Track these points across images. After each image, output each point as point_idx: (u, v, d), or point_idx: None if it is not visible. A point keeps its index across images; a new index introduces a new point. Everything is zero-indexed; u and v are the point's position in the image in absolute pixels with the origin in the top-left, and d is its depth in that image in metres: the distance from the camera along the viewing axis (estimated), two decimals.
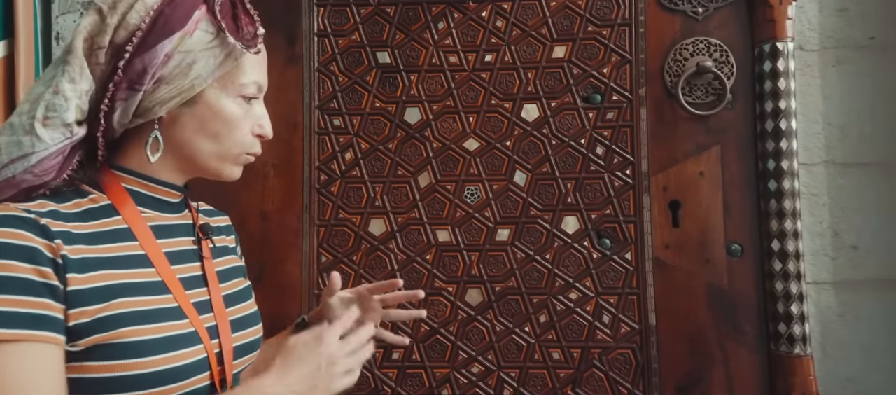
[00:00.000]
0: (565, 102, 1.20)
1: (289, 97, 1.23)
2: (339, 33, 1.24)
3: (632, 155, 1.18)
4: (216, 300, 0.77)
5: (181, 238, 0.79)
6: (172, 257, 0.75)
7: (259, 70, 0.76)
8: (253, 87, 0.75)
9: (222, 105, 0.73)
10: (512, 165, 1.20)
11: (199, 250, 0.80)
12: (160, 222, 0.77)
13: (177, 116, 0.73)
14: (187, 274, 0.76)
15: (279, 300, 1.21)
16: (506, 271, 1.19)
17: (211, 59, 0.70)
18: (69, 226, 0.65)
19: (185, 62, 0.69)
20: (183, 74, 0.69)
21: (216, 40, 0.70)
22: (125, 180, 0.75)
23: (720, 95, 1.15)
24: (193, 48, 0.68)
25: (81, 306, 0.63)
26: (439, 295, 1.20)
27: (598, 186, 1.18)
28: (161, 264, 0.72)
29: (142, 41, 0.67)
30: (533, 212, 1.19)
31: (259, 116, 0.78)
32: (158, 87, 0.69)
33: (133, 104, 0.70)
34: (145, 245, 0.72)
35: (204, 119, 0.73)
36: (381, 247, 1.21)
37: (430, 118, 1.22)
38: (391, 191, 1.22)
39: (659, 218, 1.16)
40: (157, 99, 0.70)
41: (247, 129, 0.76)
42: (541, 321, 1.17)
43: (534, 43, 1.21)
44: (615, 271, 1.17)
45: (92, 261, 0.65)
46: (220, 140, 0.74)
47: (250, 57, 0.74)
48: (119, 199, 0.74)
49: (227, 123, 0.73)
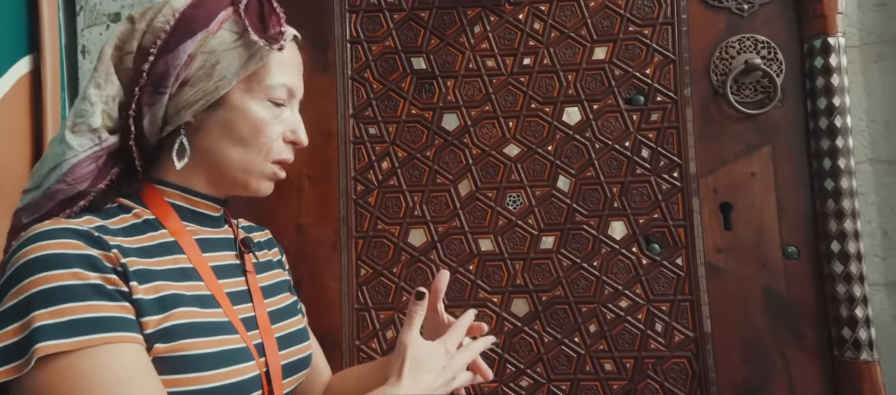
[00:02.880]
0: (608, 105, 1.10)
1: (322, 105, 1.13)
2: (372, 40, 1.14)
3: (679, 157, 1.08)
4: (261, 316, 0.69)
5: (225, 252, 0.71)
6: (218, 272, 0.67)
7: (289, 73, 0.68)
8: (281, 90, 0.67)
9: (248, 107, 0.66)
10: (554, 171, 1.10)
11: (243, 265, 0.72)
12: (203, 235, 0.70)
13: (203, 120, 0.66)
14: (233, 289, 0.68)
15: (318, 315, 1.10)
16: (552, 279, 1.09)
17: (235, 59, 0.63)
18: (119, 240, 0.60)
19: (208, 63, 0.63)
20: (206, 75, 0.63)
21: (240, 40, 0.64)
22: (167, 194, 0.68)
23: (769, 93, 1.06)
24: (217, 48, 0.63)
25: (145, 315, 0.57)
26: (484, 306, 1.09)
27: (645, 190, 1.08)
28: (209, 277, 0.65)
29: (165, 43, 0.62)
30: (578, 218, 1.09)
31: (291, 122, 0.69)
32: (183, 89, 0.63)
33: (160, 109, 0.63)
34: (193, 258, 0.65)
35: (229, 123, 0.65)
36: (421, 258, 1.10)
37: (469, 124, 1.12)
38: (430, 200, 1.11)
39: (710, 221, 1.07)
40: (182, 102, 0.64)
41: (276, 134, 0.68)
42: (591, 331, 1.07)
43: (573, 45, 1.11)
44: (666, 277, 1.07)
45: (148, 272, 0.60)
46: (247, 146, 0.66)
47: (278, 58, 0.66)
48: (163, 213, 0.67)
49: (254, 126, 0.66)
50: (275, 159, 0.69)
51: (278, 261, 0.83)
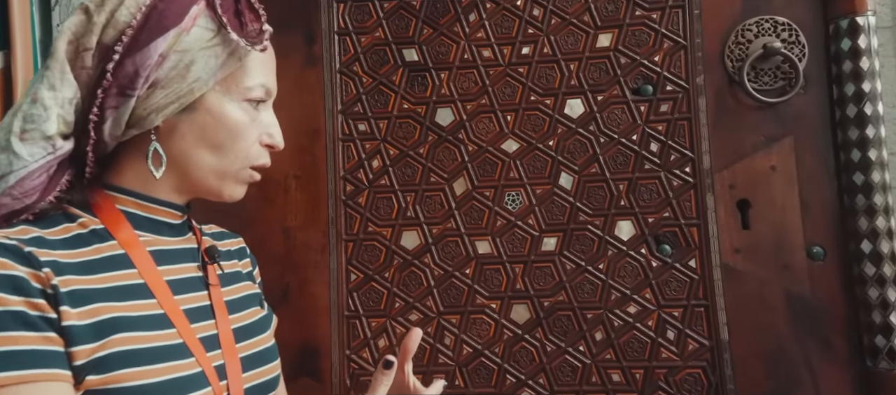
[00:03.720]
0: (613, 96, 1.00)
1: (309, 102, 1.05)
2: (361, 31, 1.06)
3: (691, 151, 0.98)
4: (224, 334, 0.62)
5: (185, 264, 0.64)
6: (175, 286, 0.60)
7: (266, 71, 0.63)
8: (260, 90, 0.62)
9: (226, 111, 0.60)
10: (556, 167, 1.01)
11: (206, 278, 0.65)
12: (160, 246, 0.62)
13: (174, 124, 0.59)
14: (192, 305, 0.61)
15: (305, 324, 1.02)
16: (554, 284, 1.00)
17: (212, 59, 0.57)
18: (57, 254, 0.53)
19: (182, 63, 0.56)
20: (180, 76, 0.57)
21: (217, 38, 0.57)
22: (119, 201, 0.61)
23: (791, 79, 0.95)
24: (191, 47, 0.57)
25: (76, 344, 0.51)
26: (481, 313, 1.01)
27: (654, 187, 0.99)
28: (163, 294, 0.58)
29: (133, 40, 0.55)
30: (582, 218, 1.00)
31: (267, 123, 0.64)
32: (153, 91, 0.56)
33: (125, 113, 0.57)
34: (144, 273, 0.58)
35: (205, 127, 0.59)
36: (415, 262, 1.02)
37: (464, 119, 1.03)
38: (424, 200, 1.03)
39: (726, 220, 0.97)
40: (151, 106, 0.57)
41: (253, 138, 0.62)
42: (597, 339, 0.98)
43: (575, 32, 1.02)
44: (678, 281, 0.97)
45: (84, 293, 0.53)
46: (223, 151, 0.60)
47: (256, 57, 0.61)
48: (113, 222, 0.60)
49: (232, 131, 0.60)
50: (253, 166, 0.64)
51: (249, 273, 0.75)
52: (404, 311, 1.01)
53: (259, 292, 0.75)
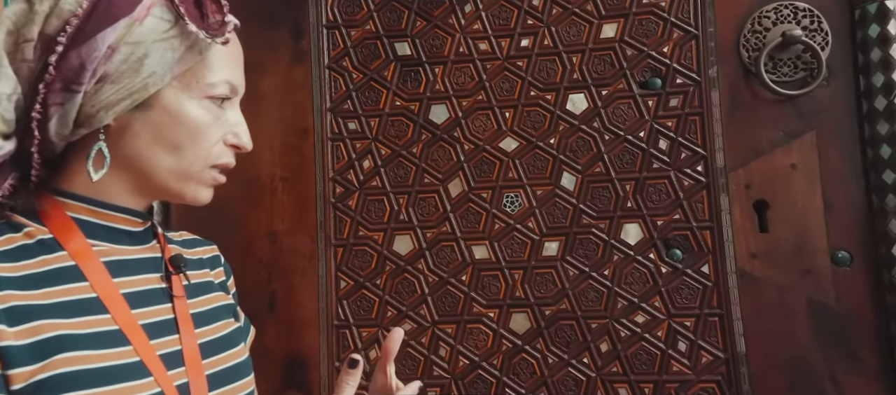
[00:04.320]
0: (619, 90, 0.93)
1: (296, 99, 0.98)
2: (351, 24, 0.99)
3: (703, 148, 0.90)
4: (189, 350, 0.56)
5: (146, 275, 0.58)
6: (133, 299, 0.55)
7: (231, 67, 0.57)
8: (223, 86, 0.56)
9: (184, 109, 0.54)
10: (558, 167, 0.94)
11: (170, 289, 0.59)
12: (118, 256, 0.57)
13: (127, 123, 0.54)
14: (153, 319, 0.55)
15: (293, 334, 0.96)
16: (556, 291, 0.92)
17: (168, 53, 0.52)
18: None
19: (134, 56, 0.51)
20: (133, 70, 0.51)
21: (174, 29, 0.52)
22: (70, 207, 0.55)
23: (813, 69, 0.87)
24: (145, 39, 0.51)
25: (13, 367, 0.46)
26: (479, 322, 0.94)
27: (663, 187, 0.91)
28: (118, 308, 0.53)
29: (78, 30, 0.50)
30: (585, 220, 0.92)
31: (233, 122, 0.59)
32: (102, 87, 0.51)
33: (72, 110, 0.51)
34: (97, 286, 0.53)
35: (161, 126, 0.54)
36: (408, 268, 0.95)
37: (460, 116, 0.96)
38: (417, 202, 0.96)
39: (742, 222, 0.88)
40: (101, 102, 0.52)
41: (216, 137, 0.57)
42: (602, 351, 0.90)
43: (578, 22, 0.94)
44: (690, 288, 0.89)
45: (25, 310, 0.48)
46: (182, 152, 0.55)
47: (219, 51, 0.55)
48: (63, 230, 0.54)
49: (191, 130, 0.55)
50: (215, 165, 0.58)
51: (221, 283, 0.69)
52: (397, 320, 0.94)
53: (232, 304, 0.69)
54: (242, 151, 0.60)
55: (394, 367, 0.67)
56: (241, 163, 1.00)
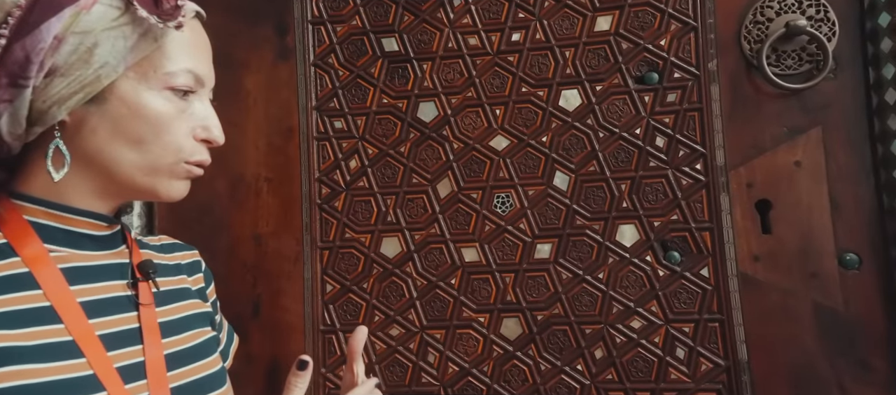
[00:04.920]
0: (614, 85, 0.88)
1: (281, 98, 0.95)
2: (336, 19, 0.95)
3: (703, 145, 0.85)
4: (153, 361, 0.53)
5: (109, 282, 0.55)
6: (92, 308, 0.51)
7: (194, 55, 0.54)
8: (185, 76, 0.52)
9: (143, 100, 0.51)
10: (550, 166, 0.89)
11: (137, 297, 0.55)
12: (78, 262, 0.53)
13: (83, 118, 0.51)
14: (113, 329, 0.52)
15: (278, 339, 0.92)
16: (549, 295, 0.88)
17: (119, 41, 0.49)
18: None
19: (83, 46, 0.48)
20: (83, 61, 0.48)
21: (125, 16, 0.49)
22: (27, 211, 0.53)
23: (818, 62, 0.81)
24: (93, 27, 0.48)
25: None
26: (469, 327, 0.89)
27: (660, 187, 0.86)
28: (73, 317, 0.49)
29: (21, 22, 0.47)
30: (579, 222, 0.88)
31: (202, 116, 0.55)
32: (52, 80, 0.48)
33: (22, 107, 0.48)
34: (52, 294, 0.49)
35: (119, 120, 0.51)
36: (396, 271, 0.91)
37: (449, 114, 0.92)
38: (405, 203, 0.92)
39: (743, 223, 0.83)
40: (52, 97, 0.49)
41: (182, 131, 0.53)
42: (596, 357, 0.86)
43: (571, 15, 0.90)
44: (689, 292, 0.84)
45: None
46: (146, 146, 0.51)
47: (178, 39, 0.52)
48: (18, 235, 0.51)
49: (152, 123, 0.51)
50: (188, 162, 0.54)
51: (199, 289, 0.66)
52: (384, 325, 0.90)
53: (209, 312, 0.66)
54: (214, 146, 0.56)
55: (362, 365, 0.65)
56: (226, 163, 0.97)
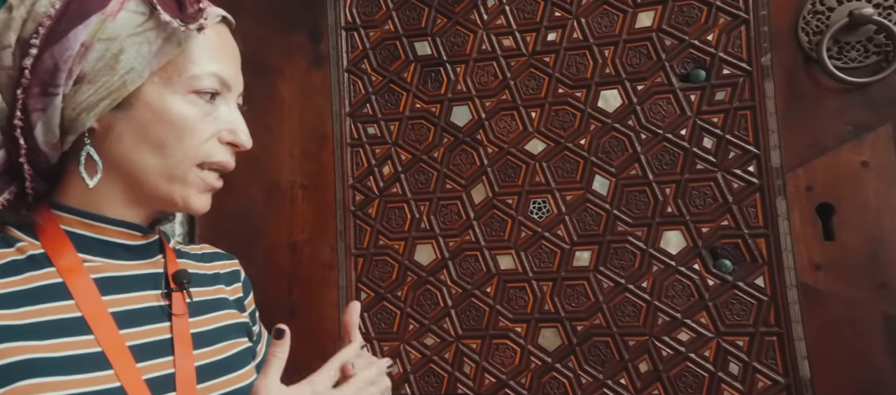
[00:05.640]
0: (657, 84, 0.83)
1: (315, 105, 0.94)
2: (369, 24, 0.93)
3: (756, 146, 0.78)
4: (183, 373, 0.52)
5: (143, 292, 0.54)
6: (124, 318, 0.50)
7: (219, 59, 0.52)
8: (210, 79, 0.51)
9: (167, 104, 0.50)
10: (589, 170, 0.84)
11: (170, 307, 0.54)
12: (113, 272, 0.53)
13: (111, 124, 0.50)
14: (145, 340, 0.51)
15: (313, 347, 0.91)
16: (589, 305, 0.83)
17: (144, 46, 0.48)
18: None
19: (109, 52, 0.48)
20: (109, 67, 0.48)
21: (150, 21, 0.48)
22: (65, 221, 0.52)
23: (887, 53, 0.74)
24: (119, 34, 0.48)
25: None
26: (505, 338, 0.86)
27: (709, 190, 0.80)
28: (104, 328, 0.49)
29: (50, 30, 0.47)
30: (620, 228, 0.83)
31: (228, 119, 0.53)
32: (80, 87, 0.48)
33: (54, 115, 0.48)
34: (84, 304, 0.49)
35: (144, 125, 0.50)
36: (430, 279, 0.88)
37: (483, 118, 0.88)
38: (439, 210, 0.89)
39: (802, 228, 0.77)
40: (80, 104, 0.48)
41: (206, 134, 0.52)
42: (641, 371, 0.80)
43: (610, 12, 0.85)
44: (742, 303, 0.78)
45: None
46: (167, 151, 0.51)
47: (203, 42, 0.51)
48: (55, 245, 0.51)
49: (176, 127, 0.51)
50: (206, 163, 0.52)
51: (237, 299, 0.64)
52: (419, 334, 0.88)
53: (245, 322, 0.64)
54: (240, 150, 0.55)
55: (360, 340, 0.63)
56: (261, 170, 0.97)
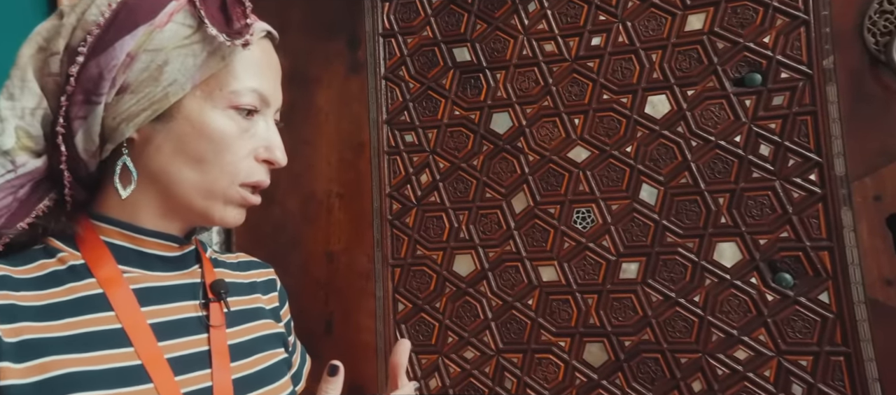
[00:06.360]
0: (708, 89, 0.78)
1: (352, 112, 0.92)
2: (407, 31, 0.91)
3: (817, 153, 0.73)
4: (221, 387, 0.50)
5: (181, 303, 0.53)
6: (162, 330, 0.49)
7: (260, 75, 0.51)
8: (250, 95, 0.51)
9: (206, 119, 0.49)
10: (636, 178, 0.80)
11: (207, 318, 0.53)
12: (151, 283, 0.52)
13: (150, 136, 0.49)
14: (184, 352, 0.50)
15: (350, 360, 0.88)
16: (637, 319, 0.79)
17: (189, 59, 0.48)
18: (17, 296, 0.45)
19: (154, 64, 0.47)
20: (152, 79, 0.47)
21: (196, 34, 0.48)
22: (104, 231, 0.51)
23: None
24: (165, 45, 0.47)
25: None
26: (548, 352, 0.82)
27: (766, 200, 0.75)
28: (143, 341, 0.48)
29: (98, 40, 0.47)
30: (670, 239, 0.78)
31: (264, 136, 0.52)
32: (122, 97, 0.47)
33: (95, 123, 0.48)
34: (124, 316, 0.48)
35: (183, 138, 0.49)
36: (470, 290, 0.85)
37: (524, 125, 0.85)
38: (479, 219, 0.86)
39: (871, 241, 0.71)
40: (121, 114, 0.48)
41: (244, 151, 0.50)
42: (694, 390, 0.75)
43: (658, 15, 0.81)
44: (805, 320, 0.73)
45: (37, 344, 0.44)
46: (206, 166, 0.50)
47: (245, 58, 0.50)
48: (95, 256, 0.50)
49: (214, 141, 0.49)
50: (243, 182, 0.51)
51: (273, 309, 0.62)
52: (458, 347, 0.84)
53: (281, 333, 0.62)
54: (275, 167, 0.53)
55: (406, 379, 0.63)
56: (298, 179, 0.96)
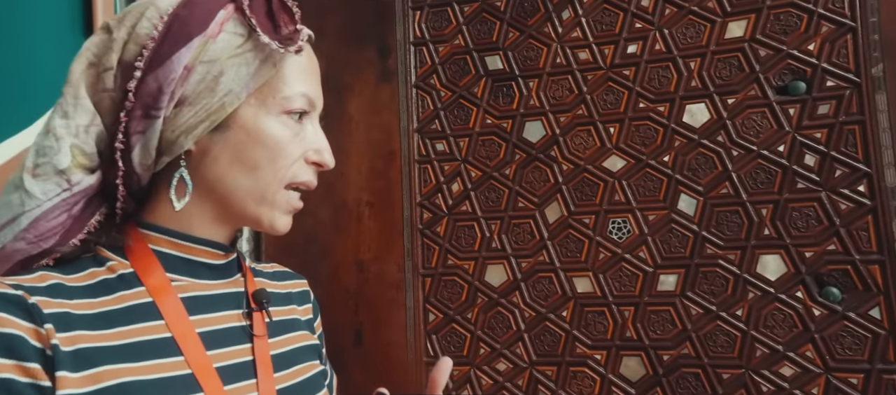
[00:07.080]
0: (750, 97, 0.75)
1: (383, 121, 0.90)
2: (439, 39, 0.90)
3: (866, 163, 0.70)
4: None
5: (226, 312, 0.52)
6: (210, 339, 0.49)
7: (307, 79, 0.52)
8: (301, 99, 0.50)
9: (262, 125, 0.49)
10: (674, 188, 0.78)
11: (251, 328, 0.51)
12: (197, 292, 0.51)
13: (207, 147, 0.49)
14: (230, 361, 0.49)
15: (380, 371, 0.87)
16: (676, 333, 0.76)
17: (243, 68, 0.47)
18: (71, 305, 0.44)
19: (210, 75, 0.47)
20: (209, 90, 0.47)
21: (248, 43, 0.47)
22: (152, 240, 0.50)
23: None
24: (219, 56, 0.47)
25: None
26: (583, 365, 0.79)
27: (812, 212, 0.72)
28: (193, 349, 0.47)
29: (154, 53, 0.46)
30: (710, 251, 0.75)
31: (313, 139, 0.51)
32: (180, 110, 0.47)
33: (153, 137, 0.47)
34: (173, 325, 0.47)
35: (239, 147, 0.48)
36: (502, 301, 0.83)
37: (557, 133, 0.83)
38: (511, 229, 0.84)
39: None
40: (180, 127, 0.47)
41: (296, 155, 0.50)
42: None
43: (696, 22, 0.79)
44: (855, 336, 0.69)
45: (91, 352, 0.43)
46: (259, 173, 0.49)
47: (294, 63, 0.50)
48: (144, 265, 0.49)
49: (270, 148, 0.49)
50: (292, 183, 0.51)
51: (308, 321, 0.61)
52: (490, 359, 0.82)
53: (317, 345, 0.61)
54: (324, 169, 0.52)
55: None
56: (329, 188, 0.94)
